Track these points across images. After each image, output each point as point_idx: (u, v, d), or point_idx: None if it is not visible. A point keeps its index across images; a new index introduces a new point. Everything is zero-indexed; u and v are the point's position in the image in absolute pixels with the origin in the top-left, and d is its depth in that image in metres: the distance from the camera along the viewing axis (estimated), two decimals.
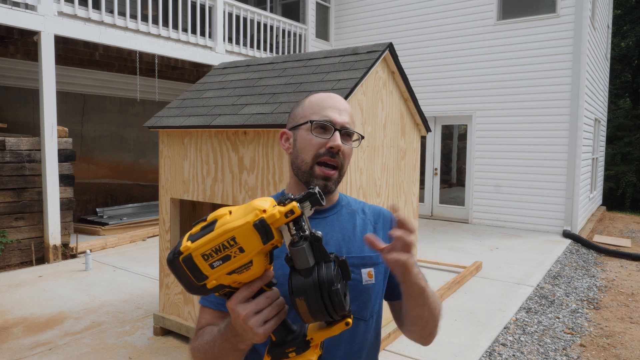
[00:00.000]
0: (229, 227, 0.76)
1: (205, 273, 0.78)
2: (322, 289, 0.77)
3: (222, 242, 0.76)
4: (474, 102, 8.46)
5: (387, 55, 3.31)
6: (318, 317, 0.79)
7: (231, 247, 0.76)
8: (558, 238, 7.37)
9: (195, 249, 0.77)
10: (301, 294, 0.77)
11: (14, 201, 5.47)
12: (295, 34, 9.44)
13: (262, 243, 0.76)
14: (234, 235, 0.75)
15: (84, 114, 8.17)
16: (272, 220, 0.75)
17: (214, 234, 0.76)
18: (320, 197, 0.78)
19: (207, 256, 0.77)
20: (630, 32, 16.74)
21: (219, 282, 0.79)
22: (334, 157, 1.03)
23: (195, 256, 0.77)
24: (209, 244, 0.76)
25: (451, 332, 3.76)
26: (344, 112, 1.07)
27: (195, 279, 0.79)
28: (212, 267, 0.77)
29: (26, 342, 3.49)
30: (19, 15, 5.17)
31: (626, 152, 15.29)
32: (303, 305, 0.78)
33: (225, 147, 3.16)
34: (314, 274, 0.77)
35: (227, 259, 0.77)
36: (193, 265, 0.78)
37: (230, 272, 0.78)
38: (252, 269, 0.78)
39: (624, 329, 4.06)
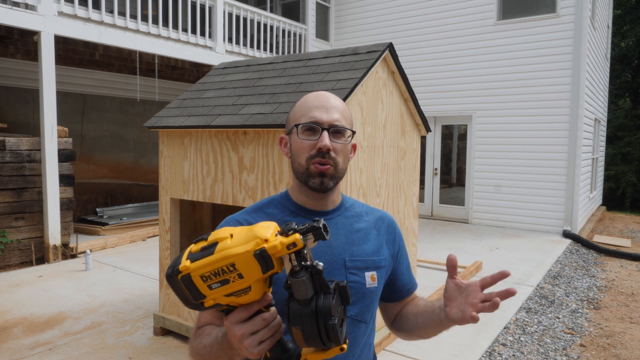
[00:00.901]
0: (229, 254, 0.75)
1: (203, 293, 0.78)
2: (318, 321, 0.77)
3: (221, 266, 0.75)
4: (474, 102, 8.46)
5: (387, 55, 3.31)
6: (312, 345, 0.79)
7: (230, 273, 0.76)
8: (558, 238, 7.37)
9: (194, 270, 0.76)
10: (298, 323, 0.78)
11: (14, 201, 5.47)
12: (295, 34, 9.44)
13: (262, 272, 0.76)
14: (234, 262, 0.75)
15: (84, 114, 8.17)
16: (274, 252, 0.75)
17: (214, 258, 0.76)
18: (324, 230, 0.77)
19: (206, 278, 0.77)
20: (630, 32, 16.73)
21: (216, 302, 0.79)
22: (325, 157, 1.03)
23: (194, 276, 0.77)
24: (208, 267, 0.76)
25: (451, 332, 3.76)
26: (331, 109, 1.06)
27: (193, 297, 0.78)
28: (210, 289, 0.77)
29: (26, 342, 3.49)
30: (19, 15, 5.17)
31: (626, 152, 15.29)
32: (298, 333, 0.78)
33: (225, 147, 3.16)
34: (312, 304, 0.77)
35: (225, 283, 0.76)
36: (191, 284, 0.77)
37: (228, 294, 0.78)
38: (251, 294, 0.78)
39: (624, 329, 4.06)
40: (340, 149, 1.05)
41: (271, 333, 0.81)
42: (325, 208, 1.12)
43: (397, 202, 3.60)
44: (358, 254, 1.09)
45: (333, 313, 0.78)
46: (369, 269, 1.07)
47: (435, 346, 3.49)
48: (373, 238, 1.14)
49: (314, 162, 1.03)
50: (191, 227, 3.96)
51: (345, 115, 1.08)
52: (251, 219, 1.09)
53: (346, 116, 1.09)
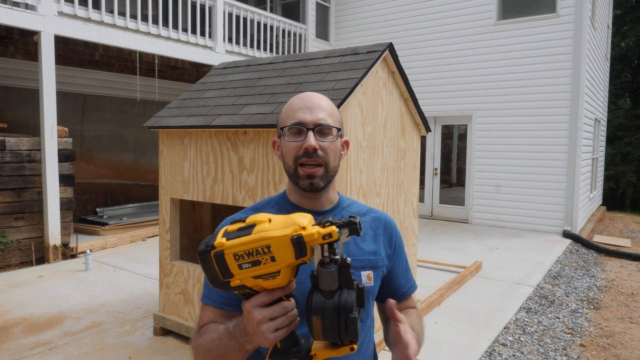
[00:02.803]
0: (267, 235, 0.78)
1: (232, 272, 0.80)
2: (340, 314, 0.79)
3: (257, 247, 0.78)
4: (474, 102, 8.46)
5: (387, 55, 3.31)
6: (329, 338, 0.81)
7: (264, 254, 0.78)
8: (558, 238, 7.37)
9: (229, 247, 0.79)
10: (319, 313, 0.80)
11: (14, 201, 5.47)
12: (295, 34, 9.44)
13: (295, 258, 0.78)
14: (270, 244, 0.78)
15: (84, 114, 8.17)
16: (310, 239, 0.78)
17: (251, 238, 0.78)
18: (359, 227, 0.80)
19: (239, 257, 0.79)
20: (630, 32, 16.73)
21: (242, 283, 0.81)
22: (311, 156, 1.04)
23: (227, 254, 0.79)
24: (243, 246, 0.78)
25: (451, 332, 3.76)
26: (316, 109, 1.06)
27: (222, 275, 0.80)
28: (241, 268, 0.79)
29: (26, 342, 3.49)
30: (19, 15, 5.17)
31: (626, 152, 15.29)
32: (318, 324, 0.80)
33: (225, 147, 3.16)
34: (336, 297, 0.80)
35: (256, 264, 0.79)
36: (223, 262, 0.79)
37: (256, 276, 0.80)
38: (278, 279, 0.80)
39: (624, 329, 4.06)
40: (328, 147, 1.06)
41: (288, 322, 0.82)
42: (322, 207, 1.13)
43: (397, 202, 3.60)
44: (355, 253, 1.09)
45: (354, 308, 0.80)
46: (365, 268, 1.08)
47: (435, 346, 3.49)
48: (369, 238, 1.14)
49: (301, 162, 1.05)
50: (191, 227, 3.96)
51: (331, 114, 1.08)
52: None
53: (332, 114, 1.09)
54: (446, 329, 3.83)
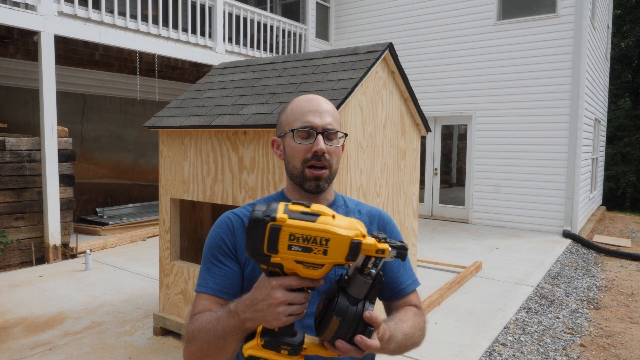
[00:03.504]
0: (331, 230, 0.79)
1: (279, 249, 0.80)
2: (359, 323, 0.83)
3: (316, 236, 0.79)
4: (474, 102, 8.46)
5: (387, 55, 3.31)
6: (338, 337, 0.83)
7: (319, 245, 0.79)
8: (558, 238, 7.37)
9: (289, 226, 0.79)
10: (342, 315, 0.82)
11: (14, 201, 5.47)
12: (295, 34, 9.44)
13: (344, 259, 0.80)
14: (330, 238, 0.79)
15: (84, 114, 8.17)
16: (365, 248, 0.81)
17: (314, 226, 0.79)
18: (404, 257, 0.85)
19: (294, 238, 0.79)
20: (630, 32, 16.73)
21: (281, 262, 0.81)
22: (320, 159, 1.07)
23: (284, 231, 0.79)
24: (303, 230, 0.79)
25: (451, 332, 3.76)
26: (324, 113, 1.10)
27: (267, 247, 0.80)
28: (289, 249, 0.80)
29: (26, 342, 3.49)
30: (19, 15, 5.17)
31: (626, 152, 15.29)
32: (335, 324, 0.82)
33: (225, 147, 3.16)
34: (360, 306, 0.83)
35: (307, 251, 0.80)
36: (276, 236, 0.79)
37: (300, 262, 0.81)
38: (318, 271, 0.82)
39: (624, 329, 4.06)
40: (334, 151, 1.10)
41: (300, 311, 0.84)
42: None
43: (397, 202, 3.60)
44: None
45: None
46: None
47: (435, 346, 3.49)
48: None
49: (309, 165, 1.07)
50: (191, 227, 3.96)
51: (336, 119, 1.13)
52: (248, 212, 1.14)
53: (337, 119, 1.13)
54: (446, 329, 3.83)
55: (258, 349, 0.85)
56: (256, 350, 0.85)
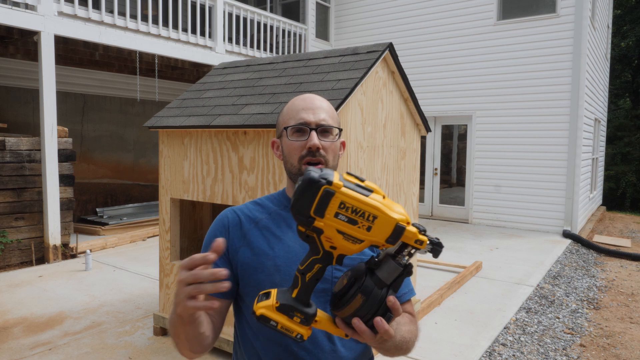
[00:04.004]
0: (380, 208, 0.79)
1: (325, 214, 0.80)
2: (380, 307, 0.83)
3: (366, 211, 0.79)
4: (474, 102, 8.46)
5: (387, 55, 3.31)
6: (352, 316, 0.83)
7: (365, 220, 0.79)
8: (558, 238, 7.37)
9: (343, 194, 0.79)
10: (366, 295, 0.82)
11: (14, 201, 5.47)
12: (295, 34, 9.44)
13: (384, 240, 0.80)
14: (378, 216, 0.79)
15: (84, 114, 8.17)
16: (409, 235, 0.80)
17: (366, 200, 0.79)
18: (437, 254, 0.84)
19: (343, 207, 0.79)
20: (630, 32, 16.73)
21: (323, 229, 0.81)
22: (315, 155, 1.08)
23: (336, 197, 0.79)
24: (355, 201, 0.79)
25: (451, 332, 3.76)
26: (318, 110, 1.11)
27: (315, 210, 0.80)
28: (335, 216, 0.80)
29: (26, 342, 3.49)
30: (19, 15, 5.17)
31: (626, 152, 15.29)
32: (358, 302, 0.82)
33: (225, 147, 3.16)
34: (384, 291, 0.83)
35: (352, 223, 0.80)
36: (326, 201, 0.79)
37: (341, 232, 0.81)
38: (356, 246, 0.82)
39: (624, 329, 4.06)
40: (329, 146, 1.11)
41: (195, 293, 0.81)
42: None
43: (397, 202, 3.60)
44: None
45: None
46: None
47: (435, 346, 3.49)
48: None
49: (305, 161, 1.09)
50: (191, 227, 3.96)
51: (331, 115, 1.14)
52: (247, 211, 1.16)
53: (332, 115, 1.14)
54: (446, 329, 3.83)
55: (271, 311, 0.85)
56: (269, 311, 0.85)
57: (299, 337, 0.85)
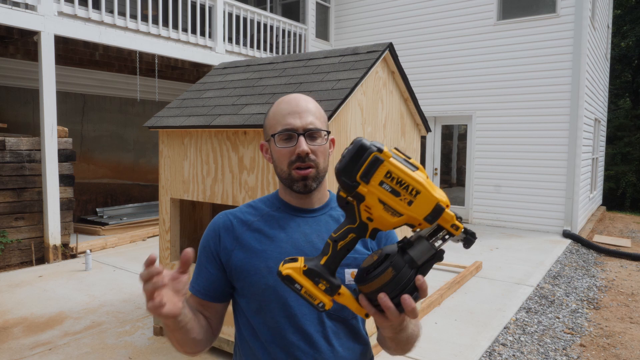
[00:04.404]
0: (424, 185, 0.81)
1: (371, 181, 0.81)
2: (406, 287, 0.83)
3: (409, 184, 0.80)
4: (474, 102, 8.46)
5: (387, 55, 3.31)
6: (382, 291, 0.83)
7: (408, 194, 0.81)
8: (558, 238, 7.36)
9: (391, 164, 0.81)
10: (397, 270, 0.82)
11: (14, 201, 5.47)
12: (295, 34, 9.44)
13: (423, 218, 0.81)
14: (421, 191, 0.80)
15: (84, 114, 8.17)
16: (447, 217, 0.81)
17: (412, 175, 0.81)
18: (472, 242, 0.85)
19: (389, 177, 0.81)
20: (630, 32, 16.73)
21: (366, 195, 0.82)
22: (305, 161, 1.07)
23: (384, 165, 0.80)
24: (401, 174, 0.80)
25: (451, 332, 3.76)
26: (304, 113, 1.08)
27: (361, 175, 0.81)
28: (380, 184, 0.81)
29: (26, 342, 3.49)
30: (19, 15, 5.17)
31: (626, 152, 15.29)
32: (388, 276, 0.82)
33: (225, 147, 3.16)
34: (413, 271, 0.83)
35: (395, 194, 0.81)
36: (374, 167, 0.81)
37: (382, 201, 0.82)
38: (394, 219, 0.83)
39: (624, 329, 4.06)
40: (318, 149, 1.09)
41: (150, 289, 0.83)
42: (312, 206, 1.15)
43: None
44: None
45: (416, 294, 0.85)
46: (349, 266, 1.08)
47: (435, 346, 3.49)
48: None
49: (295, 167, 1.07)
50: (191, 227, 3.96)
51: (318, 116, 1.11)
52: (240, 214, 1.16)
53: (319, 116, 1.12)
54: (446, 328, 3.83)
55: (298, 273, 0.86)
56: (296, 273, 0.86)
57: (320, 305, 0.86)
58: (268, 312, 1.07)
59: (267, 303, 1.07)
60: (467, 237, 0.83)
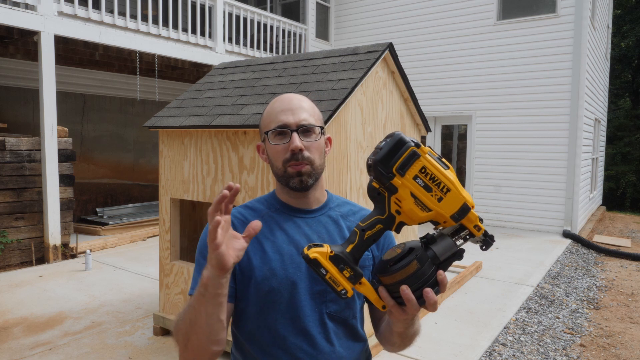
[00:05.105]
0: (455, 183, 0.84)
1: (406, 174, 0.84)
2: (428, 281, 0.86)
3: (442, 181, 0.84)
4: (474, 102, 8.46)
5: (387, 55, 3.31)
6: (405, 283, 0.85)
7: (439, 191, 0.84)
8: (558, 238, 7.36)
9: (426, 160, 0.84)
10: (421, 263, 0.85)
11: (14, 201, 5.47)
12: (295, 34, 9.44)
13: (450, 215, 0.85)
14: (451, 189, 0.84)
15: (84, 114, 8.17)
16: (471, 217, 0.85)
17: (445, 172, 0.85)
18: (489, 245, 0.88)
19: (424, 172, 0.84)
20: (630, 32, 16.73)
21: (399, 188, 0.85)
22: (299, 158, 1.06)
23: (420, 161, 0.84)
24: (435, 171, 0.84)
25: (451, 332, 3.76)
26: (298, 110, 1.09)
27: (398, 167, 0.84)
28: (414, 179, 0.84)
29: (26, 342, 3.49)
30: (19, 15, 5.17)
31: (626, 152, 15.29)
32: (412, 268, 0.85)
33: (225, 147, 3.16)
34: (435, 266, 0.86)
35: (427, 190, 0.85)
36: (410, 161, 0.84)
37: (413, 195, 0.85)
38: (422, 214, 0.86)
39: (624, 329, 4.06)
40: (313, 146, 1.08)
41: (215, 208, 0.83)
42: (309, 206, 1.15)
43: None
44: None
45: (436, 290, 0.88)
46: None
47: (435, 346, 3.49)
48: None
49: (290, 164, 1.07)
50: (191, 227, 3.96)
51: (312, 113, 1.11)
52: (240, 216, 1.14)
53: (313, 113, 1.11)
54: (446, 329, 3.83)
55: (325, 258, 0.87)
56: (323, 257, 0.87)
57: (343, 292, 0.87)
58: (269, 314, 1.06)
59: (269, 306, 1.06)
60: (486, 240, 0.86)
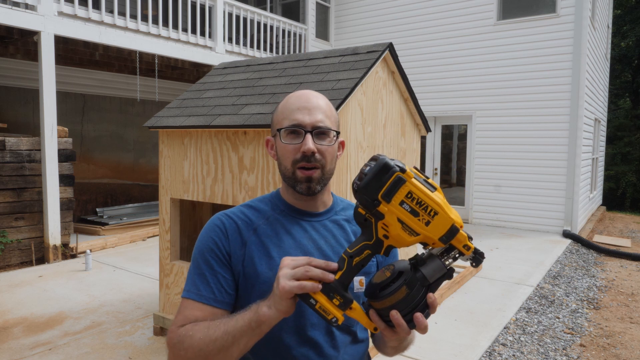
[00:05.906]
0: (442, 206, 0.83)
1: (391, 200, 0.83)
2: (418, 305, 0.85)
3: (429, 205, 0.82)
4: (474, 102, 8.46)
5: (387, 55, 3.31)
6: (391, 308, 0.84)
7: (427, 215, 0.83)
8: (558, 238, 7.36)
9: (412, 184, 0.82)
10: (411, 288, 0.84)
11: (14, 201, 5.47)
12: (295, 34, 9.44)
13: (438, 238, 0.83)
14: (439, 212, 0.82)
15: (84, 114, 8.16)
16: (460, 238, 0.84)
17: (431, 195, 0.83)
18: (479, 262, 0.87)
19: (410, 197, 0.82)
20: (630, 32, 16.73)
21: (386, 214, 0.84)
22: (310, 160, 1.01)
23: (405, 186, 0.82)
24: (422, 195, 0.82)
25: (451, 332, 3.76)
26: (314, 110, 1.03)
27: (383, 194, 0.83)
28: (400, 204, 0.83)
29: (26, 342, 3.49)
30: (19, 15, 5.17)
31: (626, 152, 15.29)
32: (401, 294, 0.84)
33: (225, 147, 3.16)
34: (425, 288, 0.86)
35: (414, 214, 0.83)
36: (396, 187, 0.82)
37: (400, 220, 0.83)
38: (411, 238, 0.85)
39: (624, 329, 4.06)
40: (326, 150, 1.03)
41: (307, 275, 0.83)
42: (315, 210, 1.11)
43: None
44: None
45: (426, 312, 0.88)
46: (357, 274, 1.07)
47: (435, 346, 3.49)
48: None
49: (299, 166, 1.02)
50: (191, 227, 3.96)
51: (329, 115, 1.05)
52: (243, 217, 1.09)
53: (330, 115, 1.06)
54: (446, 329, 3.83)
55: None
56: None
57: (334, 320, 0.86)
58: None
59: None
60: (476, 257, 0.85)
